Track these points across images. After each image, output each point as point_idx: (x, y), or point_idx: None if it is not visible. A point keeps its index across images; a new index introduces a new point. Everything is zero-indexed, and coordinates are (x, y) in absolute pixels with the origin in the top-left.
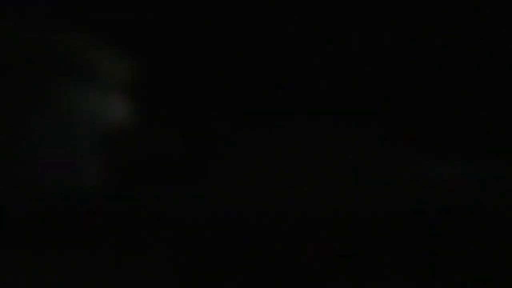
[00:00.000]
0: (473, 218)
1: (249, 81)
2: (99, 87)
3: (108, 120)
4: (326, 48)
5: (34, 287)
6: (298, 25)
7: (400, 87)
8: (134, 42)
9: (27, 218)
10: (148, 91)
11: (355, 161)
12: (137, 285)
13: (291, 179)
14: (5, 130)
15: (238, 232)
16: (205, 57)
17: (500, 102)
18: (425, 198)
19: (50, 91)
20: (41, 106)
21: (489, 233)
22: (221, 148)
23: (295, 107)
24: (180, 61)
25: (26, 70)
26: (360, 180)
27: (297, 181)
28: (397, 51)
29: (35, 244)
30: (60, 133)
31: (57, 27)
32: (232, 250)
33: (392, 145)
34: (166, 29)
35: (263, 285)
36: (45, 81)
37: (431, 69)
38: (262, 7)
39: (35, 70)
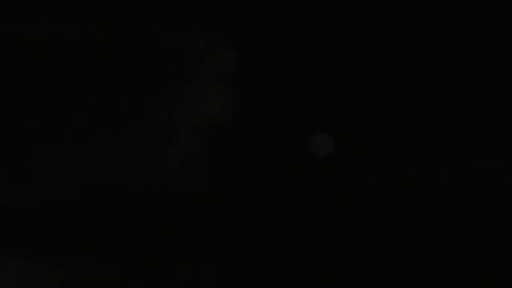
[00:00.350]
0: (473, 217)
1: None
2: (202, 82)
3: (209, 115)
4: (326, 48)
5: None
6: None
7: (400, 87)
8: (237, 36)
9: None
10: (250, 86)
11: (356, 161)
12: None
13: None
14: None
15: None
16: (305, 51)
17: (499, 102)
18: (425, 197)
19: (153, 88)
20: (146, 102)
21: (490, 232)
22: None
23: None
24: (280, 53)
25: (130, 68)
26: (360, 179)
27: None
28: (397, 51)
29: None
30: (167, 128)
31: (162, 25)
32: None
33: (393, 146)
34: (268, 23)
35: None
36: (151, 78)
37: (431, 69)
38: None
39: (139, 67)
